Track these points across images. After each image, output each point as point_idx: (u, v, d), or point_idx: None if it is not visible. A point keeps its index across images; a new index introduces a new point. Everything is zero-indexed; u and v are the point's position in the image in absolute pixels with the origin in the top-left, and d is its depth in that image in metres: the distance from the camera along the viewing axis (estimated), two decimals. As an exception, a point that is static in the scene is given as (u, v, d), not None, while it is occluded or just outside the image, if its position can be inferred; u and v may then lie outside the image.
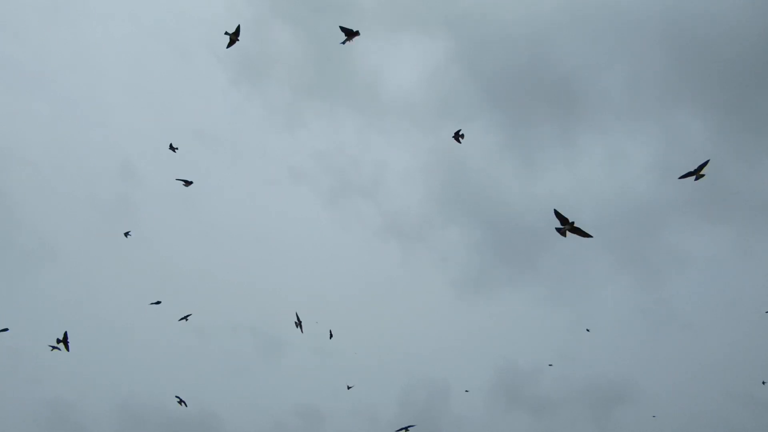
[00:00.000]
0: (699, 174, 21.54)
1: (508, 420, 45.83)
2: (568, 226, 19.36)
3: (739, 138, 47.12)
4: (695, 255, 48.79)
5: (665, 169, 48.82)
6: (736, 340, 43.61)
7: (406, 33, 54.60)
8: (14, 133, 50.24)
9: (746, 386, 38.90)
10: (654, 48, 49.30)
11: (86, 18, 53.68)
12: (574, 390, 45.73)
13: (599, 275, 50.73)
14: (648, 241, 52.16)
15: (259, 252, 54.35)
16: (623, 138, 51.98)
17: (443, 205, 56.65)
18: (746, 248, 47.40)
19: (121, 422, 42.88)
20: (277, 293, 47.70)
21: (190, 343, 46.28)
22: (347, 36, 23.31)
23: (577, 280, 51.43)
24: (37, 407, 41.71)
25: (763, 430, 40.29)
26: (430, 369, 45.78)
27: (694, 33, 47.54)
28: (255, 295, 48.30)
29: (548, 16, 50.60)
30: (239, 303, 47.94)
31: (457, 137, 29.17)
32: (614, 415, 44.99)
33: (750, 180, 47.31)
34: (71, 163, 51.20)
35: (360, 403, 42.57)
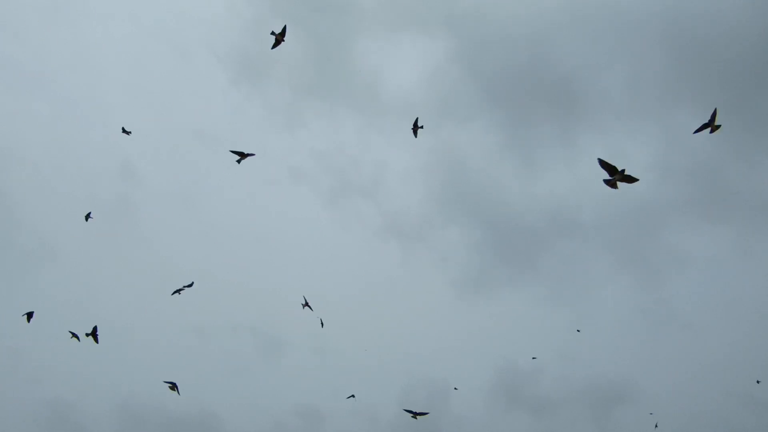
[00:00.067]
0: (714, 126, 19.23)
1: (508, 420, 45.89)
2: (618, 175, 16.19)
3: (739, 138, 47.08)
4: (695, 255, 48.84)
5: (665, 169, 48.91)
6: (736, 340, 43.68)
7: (406, 33, 54.66)
8: (14, 133, 50.26)
9: (746, 386, 38.80)
10: (654, 48, 49.34)
11: (86, 18, 53.75)
12: (574, 390, 45.80)
13: (599, 275, 50.80)
14: (648, 241, 52.24)
15: (259, 252, 54.34)
16: (623, 138, 51.90)
17: (443, 205, 56.68)
18: (746, 248, 47.45)
19: (121, 422, 42.93)
20: (277, 293, 47.63)
21: (190, 343, 46.39)
22: (240, 156, 25.12)
23: (577, 280, 51.48)
24: (37, 407, 41.74)
25: (763, 430, 40.34)
26: (430, 369, 45.72)
27: (694, 33, 47.57)
28: (255, 295, 48.26)
29: (548, 16, 50.65)
30: (239, 303, 47.92)
31: (415, 129, 26.47)
32: (614, 415, 45.07)
33: (750, 180, 47.41)
34: (71, 163, 51.21)
35: (360, 403, 42.50)
